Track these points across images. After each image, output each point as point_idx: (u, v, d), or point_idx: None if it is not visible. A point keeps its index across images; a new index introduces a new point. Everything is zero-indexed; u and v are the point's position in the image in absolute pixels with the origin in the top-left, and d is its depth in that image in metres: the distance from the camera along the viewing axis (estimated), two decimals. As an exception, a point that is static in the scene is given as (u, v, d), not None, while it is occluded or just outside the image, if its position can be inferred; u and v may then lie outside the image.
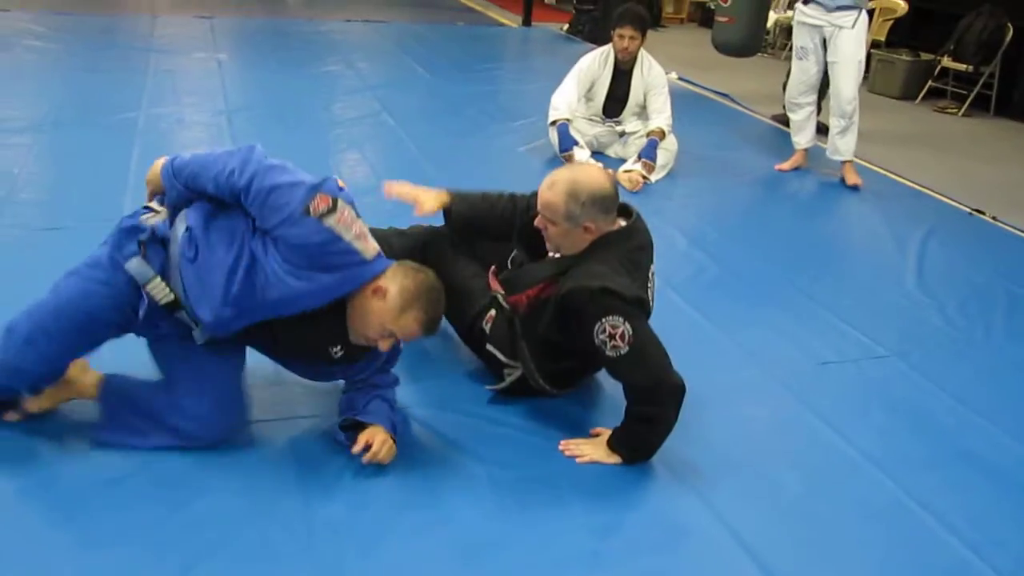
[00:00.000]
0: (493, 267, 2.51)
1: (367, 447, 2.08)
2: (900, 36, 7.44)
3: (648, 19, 4.66)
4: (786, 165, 4.92)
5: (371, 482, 2.11)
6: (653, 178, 4.48)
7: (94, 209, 3.57)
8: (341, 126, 5.12)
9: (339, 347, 2.14)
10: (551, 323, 2.25)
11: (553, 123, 4.61)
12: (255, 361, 2.26)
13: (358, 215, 2.01)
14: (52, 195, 3.79)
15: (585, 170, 2.34)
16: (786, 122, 5.28)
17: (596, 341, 2.13)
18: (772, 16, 7.79)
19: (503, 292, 2.39)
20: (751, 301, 3.28)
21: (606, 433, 2.27)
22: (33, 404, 2.15)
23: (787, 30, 7.36)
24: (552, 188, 2.22)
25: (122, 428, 2.13)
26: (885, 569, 1.99)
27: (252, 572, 1.82)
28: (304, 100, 5.59)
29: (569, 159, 4.49)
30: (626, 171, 4.44)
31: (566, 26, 8.97)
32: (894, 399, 2.69)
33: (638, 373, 2.16)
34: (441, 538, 1.96)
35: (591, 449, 2.25)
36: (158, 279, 2.03)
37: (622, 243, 2.30)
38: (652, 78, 4.64)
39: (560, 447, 2.27)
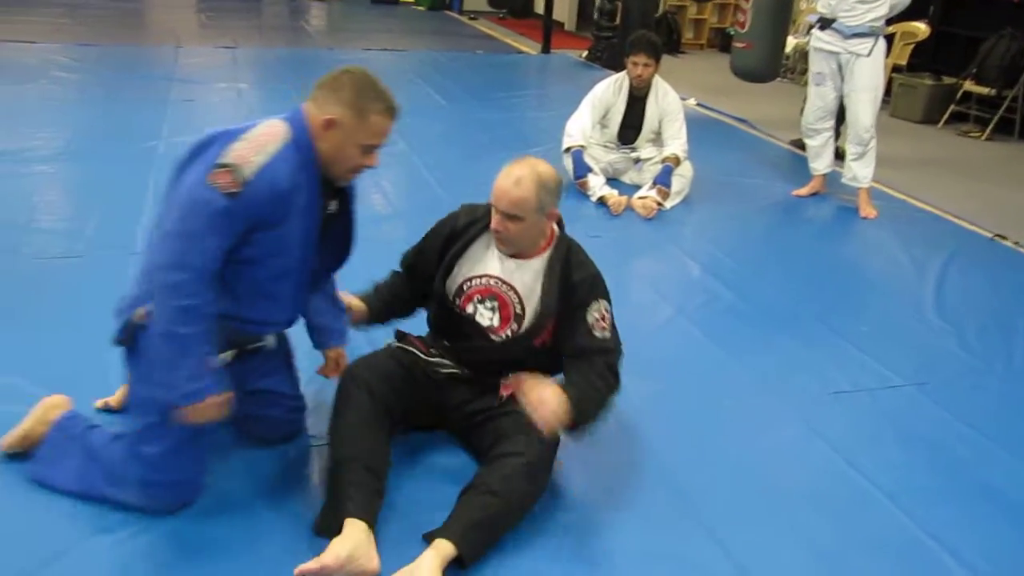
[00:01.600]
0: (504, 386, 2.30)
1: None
2: (922, 60, 7.39)
3: (660, 46, 4.65)
4: (803, 191, 4.88)
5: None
6: (668, 205, 4.46)
7: (109, 238, 3.62)
8: (357, 153, 5.13)
9: (333, 201, 2.11)
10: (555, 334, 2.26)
11: (567, 150, 4.61)
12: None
13: None
14: (70, 224, 3.82)
15: (533, 159, 2.31)
16: (804, 147, 5.25)
17: (588, 321, 2.19)
18: (791, 41, 7.76)
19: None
20: (765, 328, 3.24)
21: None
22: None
23: (806, 55, 7.31)
24: (520, 184, 2.18)
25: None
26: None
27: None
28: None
29: (583, 185, 4.48)
30: (640, 198, 4.42)
31: (585, 53, 9.00)
32: (909, 430, 2.63)
33: (612, 355, 2.22)
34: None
35: (537, 383, 2.04)
36: None
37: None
38: (667, 104, 4.63)
39: (503, 389, 2.21)
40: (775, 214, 4.63)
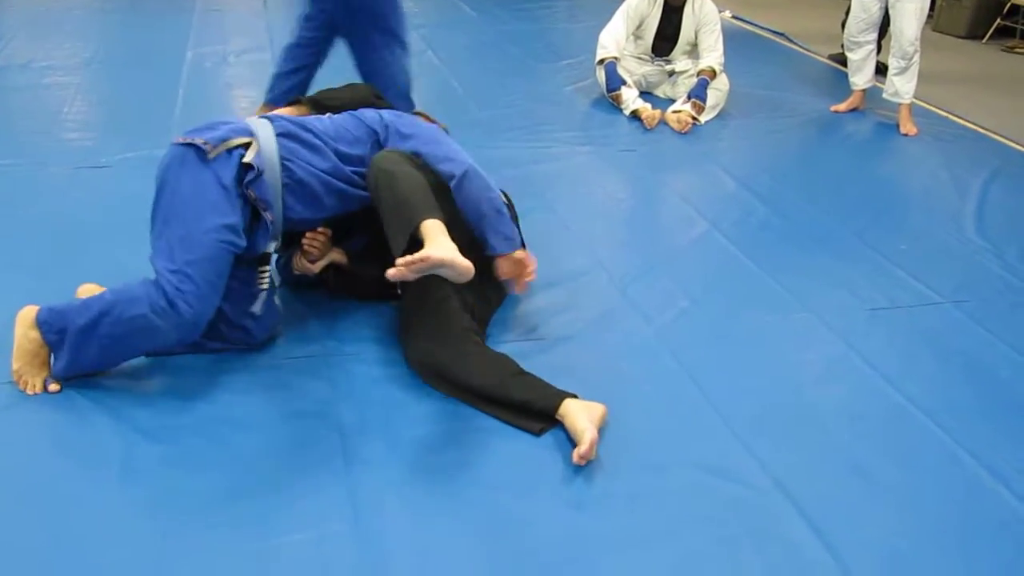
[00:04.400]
0: None
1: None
2: (968, -29, 7.11)
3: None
4: (842, 106, 4.75)
5: (406, 420, 2.11)
6: (703, 119, 4.36)
7: (139, 147, 3.60)
8: (386, 65, 5.05)
9: None
10: None
11: (601, 62, 4.50)
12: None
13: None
14: (98, 133, 3.81)
15: None
16: (843, 62, 5.10)
17: None
18: (833, -49, 7.48)
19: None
20: (801, 245, 3.19)
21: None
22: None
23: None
24: None
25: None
26: (933, 519, 1.94)
27: (293, 503, 1.84)
28: (349, 39, 5.52)
29: (616, 99, 4.39)
30: (675, 111, 4.32)
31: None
32: (947, 347, 2.60)
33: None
34: (470, 479, 1.95)
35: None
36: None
37: None
38: (703, 15, 4.49)
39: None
40: (813, 130, 4.52)
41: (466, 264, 2.01)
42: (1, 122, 4.01)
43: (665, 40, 4.61)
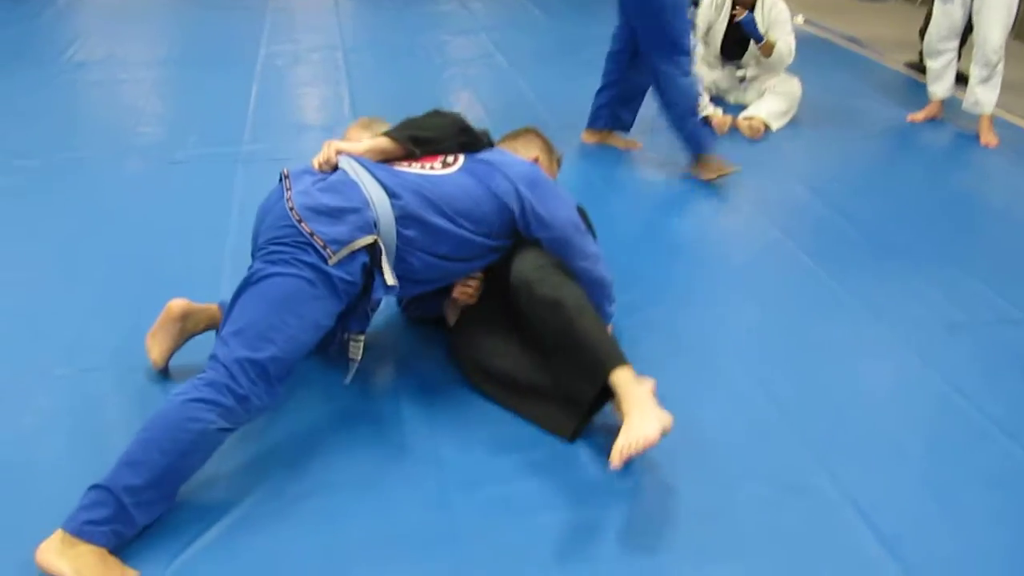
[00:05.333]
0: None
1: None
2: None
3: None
4: (919, 116, 4.62)
5: (473, 419, 2.10)
6: (775, 126, 4.29)
7: (213, 144, 3.66)
8: (454, 66, 5.08)
9: None
10: None
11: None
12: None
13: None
14: (174, 129, 3.89)
15: None
16: (921, 70, 4.97)
17: None
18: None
19: None
20: (877, 257, 3.10)
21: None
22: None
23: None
24: None
25: None
26: (1012, 542, 1.87)
27: (359, 500, 1.85)
28: (417, 39, 5.57)
29: None
30: (747, 118, 4.26)
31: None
32: (1031, 366, 2.51)
33: None
34: (550, 477, 1.94)
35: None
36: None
37: None
38: (775, 14, 4.39)
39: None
40: (888, 139, 4.41)
41: (671, 421, 1.88)
42: (80, 116, 4.12)
43: (735, 43, 4.53)
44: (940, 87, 4.56)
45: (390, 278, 1.95)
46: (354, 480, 1.91)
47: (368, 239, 1.92)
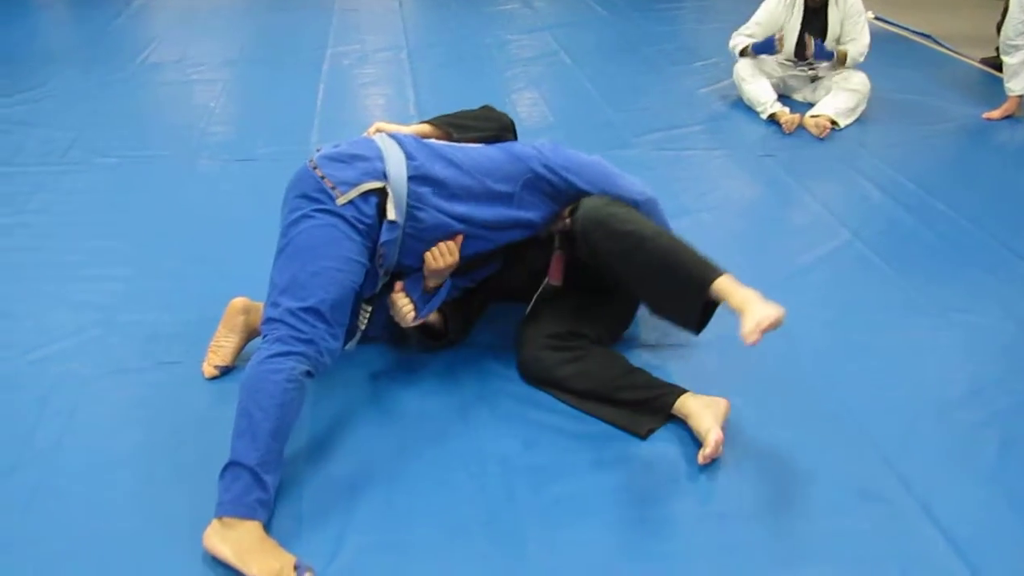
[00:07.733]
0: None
1: None
2: None
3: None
4: (996, 113, 4.49)
5: (541, 417, 2.11)
6: (842, 123, 4.20)
7: (283, 142, 3.74)
8: (518, 65, 5.09)
9: None
10: None
11: (743, 52, 4.39)
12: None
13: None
14: (244, 128, 3.97)
15: None
16: (997, 66, 4.82)
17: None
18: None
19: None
20: (950, 258, 3.02)
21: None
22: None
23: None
24: None
25: None
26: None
27: (429, 501, 1.87)
28: (481, 38, 5.60)
29: (780, 42, 4.28)
30: (813, 116, 4.18)
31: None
32: (1115, 373, 2.42)
33: None
34: (618, 475, 1.94)
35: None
36: None
37: None
38: (848, 7, 4.30)
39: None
40: (963, 137, 4.29)
41: (782, 310, 1.90)
42: (155, 115, 4.23)
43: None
44: (1018, 83, 4.42)
45: (392, 213, 2.01)
46: (421, 475, 1.94)
47: (375, 183, 2.01)
